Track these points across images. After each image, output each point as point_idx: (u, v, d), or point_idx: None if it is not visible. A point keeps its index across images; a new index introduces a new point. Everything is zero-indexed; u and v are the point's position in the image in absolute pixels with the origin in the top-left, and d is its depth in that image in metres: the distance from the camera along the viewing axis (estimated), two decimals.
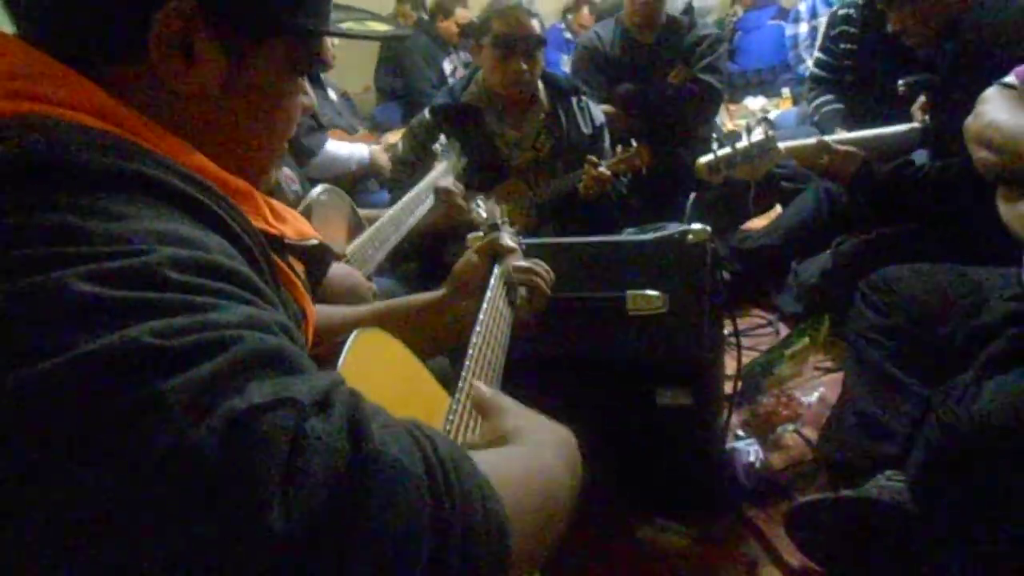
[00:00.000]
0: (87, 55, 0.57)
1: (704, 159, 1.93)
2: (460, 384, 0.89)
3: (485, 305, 1.07)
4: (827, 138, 2.02)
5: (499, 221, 1.43)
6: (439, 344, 1.14)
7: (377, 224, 1.74)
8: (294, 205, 1.65)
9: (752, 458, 1.73)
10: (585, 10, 5.61)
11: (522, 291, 1.18)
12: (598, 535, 1.60)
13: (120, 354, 0.37)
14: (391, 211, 1.78)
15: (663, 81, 2.96)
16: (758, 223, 2.81)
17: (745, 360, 2.00)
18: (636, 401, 1.53)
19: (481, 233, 1.32)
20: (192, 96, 0.61)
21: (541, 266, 1.21)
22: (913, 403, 1.57)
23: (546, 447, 0.65)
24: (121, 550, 0.35)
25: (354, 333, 0.78)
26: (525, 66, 2.26)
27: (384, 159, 2.80)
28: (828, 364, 2.14)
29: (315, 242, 0.81)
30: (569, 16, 5.80)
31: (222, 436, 0.37)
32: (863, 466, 1.56)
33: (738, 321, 2.43)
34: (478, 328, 1.01)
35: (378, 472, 0.40)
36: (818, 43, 2.98)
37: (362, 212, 1.82)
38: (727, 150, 1.92)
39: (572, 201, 2.38)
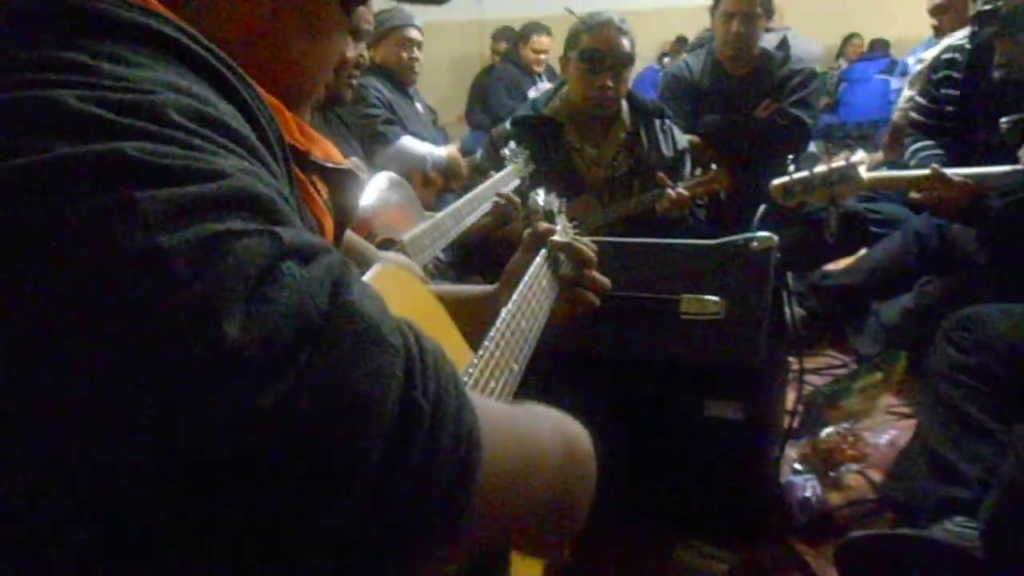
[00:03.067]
0: None
1: (779, 180, 1.86)
2: (486, 343, 0.87)
3: (525, 278, 1.05)
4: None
5: (555, 211, 1.41)
6: (482, 336, 1.13)
7: (438, 216, 1.74)
8: None
9: (808, 493, 1.62)
10: (684, 55, 5.60)
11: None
12: (631, 552, 1.52)
13: (102, 160, 0.36)
14: (453, 206, 1.78)
15: (750, 114, 2.90)
16: (840, 265, 2.69)
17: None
18: (683, 411, 1.45)
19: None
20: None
21: (582, 241, 1.18)
22: (991, 447, 1.44)
23: (547, 424, 0.61)
24: (65, 359, 0.33)
25: (376, 265, 0.77)
26: (610, 82, 2.25)
27: (461, 163, 2.81)
28: (904, 409, 1.99)
29: (344, 167, 0.80)
30: (667, 59, 5.79)
31: (192, 246, 0.35)
32: (930, 511, 1.43)
33: (811, 361, 2.33)
34: (515, 296, 0.99)
35: (351, 326, 0.37)
36: (916, 87, 2.87)
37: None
38: (804, 173, 1.85)
39: (645, 222, 2.33)
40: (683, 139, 2.49)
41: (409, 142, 2.73)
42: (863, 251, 2.68)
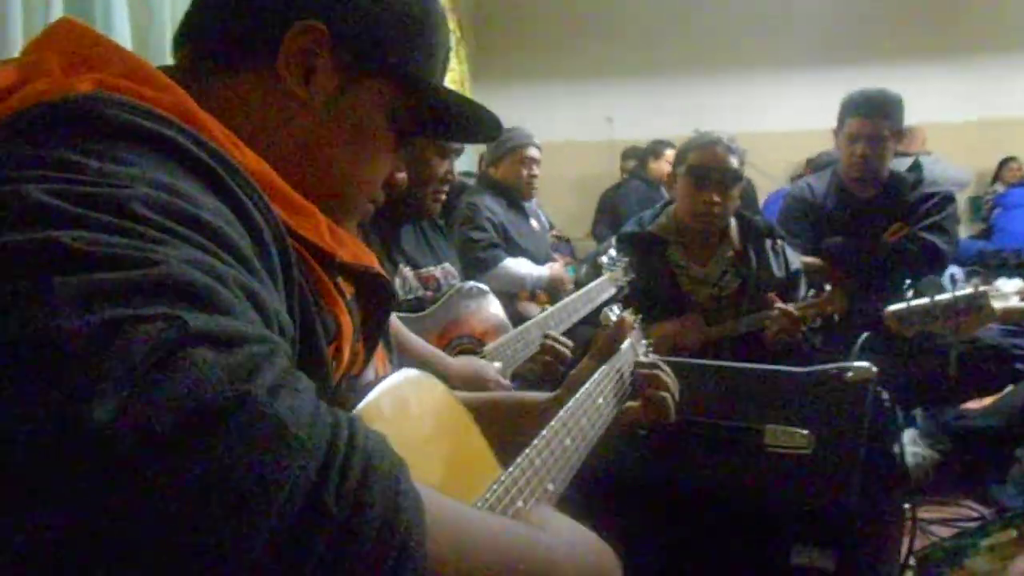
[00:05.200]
0: (209, 59, 0.65)
1: (895, 307, 1.72)
2: (519, 459, 0.82)
3: (580, 392, 1.00)
4: None
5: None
6: None
7: (524, 325, 1.73)
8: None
9: None
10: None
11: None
12: None
13: (33, 248, 0.38)
14: (541, 315, 1.77)
15: (879, 238, 2.74)
16: (981, 404, 2.42)
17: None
18: (766, 556, 1.31)
19: None
20: (292, 108, 0.66)
21: (665, 370, 1.13)
22: None
23: (562, 548, 0.57)
24: None
25: (399, 372, 0.75)
26: (717, 198, 2.21)
27: (564, 279, 2.82)
28: None
29: (372, 270, 0.80)
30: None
31: (91, 332, 0.35)
32: None
33: (941, 511, 2.07)
34: (561, 413, 0.94)
35: (249, 418, 0.36)
36: None
37: None
38: (924, 301, 1.70)
39: (752, 345, 2.21)
40: (797, 260, 2.38)
41: (510, 265, 2.77)
42: (1009, 388, 2.41)
